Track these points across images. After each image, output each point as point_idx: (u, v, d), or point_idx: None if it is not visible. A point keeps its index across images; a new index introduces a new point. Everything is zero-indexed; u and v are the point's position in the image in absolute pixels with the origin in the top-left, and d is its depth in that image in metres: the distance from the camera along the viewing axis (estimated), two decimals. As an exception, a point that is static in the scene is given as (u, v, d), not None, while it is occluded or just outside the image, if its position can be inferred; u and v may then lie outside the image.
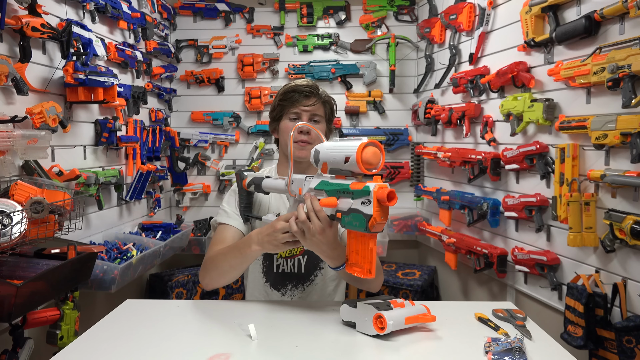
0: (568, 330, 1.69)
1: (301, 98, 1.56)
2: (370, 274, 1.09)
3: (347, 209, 1.09)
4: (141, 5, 2.84)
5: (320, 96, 1.59)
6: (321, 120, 1.59)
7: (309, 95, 1.56)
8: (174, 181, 3.36)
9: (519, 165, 2.05)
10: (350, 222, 1.09)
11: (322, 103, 1.59)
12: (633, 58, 1.47)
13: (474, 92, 2.44)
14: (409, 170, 3.35)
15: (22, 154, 1.72)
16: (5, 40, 1.74)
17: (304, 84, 1.58)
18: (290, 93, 1.57)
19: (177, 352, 1.10)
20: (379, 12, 3.36)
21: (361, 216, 1.06)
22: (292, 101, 1.56)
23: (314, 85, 1.59)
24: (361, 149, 1.04)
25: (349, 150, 1.06)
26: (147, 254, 2.32)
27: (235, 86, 3.45)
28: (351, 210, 1.08)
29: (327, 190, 1.14)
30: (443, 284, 3.06)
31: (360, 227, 1.06)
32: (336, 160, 1.10)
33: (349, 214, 1.08)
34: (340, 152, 1.08)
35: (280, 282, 1.58)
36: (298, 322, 1.28)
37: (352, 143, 1.06)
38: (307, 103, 1.56)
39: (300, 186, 1.22)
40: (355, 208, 1.07)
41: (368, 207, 1.04)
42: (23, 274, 1.57)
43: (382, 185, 1.05)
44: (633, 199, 1.54)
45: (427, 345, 1.14)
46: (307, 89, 1.56)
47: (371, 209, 1.04)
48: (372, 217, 1.04)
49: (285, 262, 1.57)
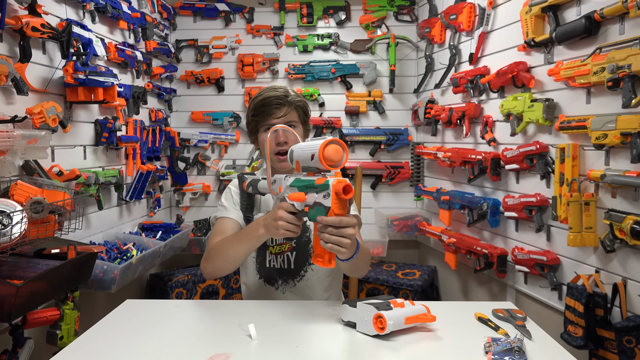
0: (568, 330, 1.69)
1: (272, 110, 1.56)
2: (330, 263, 1.19)
3: (313, 202, 1.18)
4: (141, 5, 2.84)
5: (291, 103, 1.58)
6: (297, 125, 1.60)
7: (278, 105, 1.56)
8: (174, 181, 3.37)
9: (519, 165, 2.05)
10: (313, 215, 1.18)
11: (294, 109, 1.59)
12: (633, 58, 1.47)
13: (474, 92, 2.44)
14: (409, 170, 3.35)
15: (22, 154, 1.72)
16: (5, 40, 1.74)
17: (271, 95, 1.58)
18: (260, 107, 1.58)
19: (177, 352, 1.10)
20: (379, 12, 3.36)
21: (322, 208, 1.15)
22: (264, 115, 1.57)
23: (283, 93, 1.59)
24: (323, 147, 1.13)
25: (314, 149, 1.15)
26: (147, 254, 2.32)
27: (235, 86, 3.45)
28: (315, 204, 1.17)
29: (298, 186, 1.23)
30: (443, 284, 3.06)
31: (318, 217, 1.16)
32: (305, 158, 1.19)
33: (314, 207, 1.18)
34: (307, 151, 1.17)
35: (272, 277, 1.63)
36: (298, 322, 1.29)
37: (317, 142, 1.15)
38: (278, 114, 1.56)
39: (280, 184, 1.31)
40: (318, 201, 1.16)
41: (328, 199, 1.14)
42: (23, 274, 1.57)
43: (340, 180, 1.14)
44: (633, 199, 1.54)
45: (427, 345, 1.14)
46: (276, 100, 1.56)
47: (330, 202, 1.13)
48: (330, 209, 1.13)
49: (275, 259, 1.62)
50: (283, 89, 1.61)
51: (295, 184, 1.24)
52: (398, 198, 3.42)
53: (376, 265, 3.18)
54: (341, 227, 1.15)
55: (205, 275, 1.52)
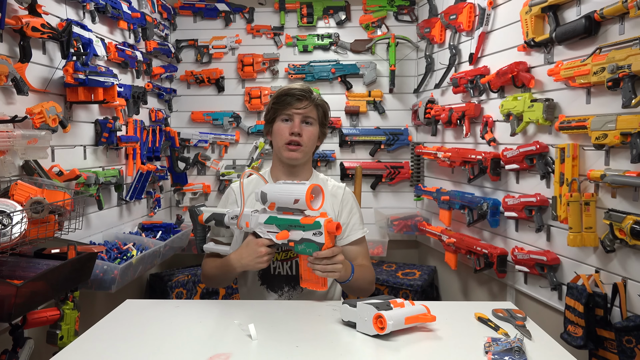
0: (568, 330, 1.69)
1: (294, 101, 1.59)
2: (324, 286, 1.34)
3: (300, 239, 1.31)
4: (141, 5, 2.84)
5: (313, 100, 1.62)
6: (314, 123, 1.62)
7: (301, 98, 1.59)
8: (174, 181, 3.36)
9: (519, 165, 2.05)
10: (303, 249, 1.32)
11: (314, 106, 1.62)
12: (633, 58, 1.47)
13: (474, 92, 2.44)
14: (409, 170, 3.35)
15: (22, 154, 1.72)
16: (5, 40, 1.74)
17: (297, 87, 1.62)
18: (283, 96, 1.61)
19: (177, 352, 1.10)
20: (379, 12, 3.36)
21: (314, 244, 1.29)
22: (284, 104, 1.60)
23: (308, 89, 1.63)
24: (309, 192, 1.26)
25: (298, 194, 1.27)
26: (147, 254, 2.32)
27: (235, 86, 3.45)
28: (303, 240, 1.31)
29: (278, 225, 1.35)
30: (443, 284, 3.06)
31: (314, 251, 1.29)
32: (285, 201, 1.31)
33: (302, 243, 1.31)
34: (289, 195, 1.29)
35: (277, 284, 1.60)
36: (298, 322, 1.29)
37: (299, 187, 1.28)
38: (299, 106, 1.59)
39: (247, 220, 1.40)
40: (307, 238, 1.30)
41: (320, 237, 1.28)
42: (23, 274, 1.57)
43: (329, 220, 1.28)
44: (633, 199, 1.54)
45: (427, 345, 1.14)
46: (299, 92, 1.60)
47: (323, 239, 1.28)
48: (324, 245, 1.28)
49: (282, 265, 1.60)
50: (308, 87, 1.65)
51: (272, 222, 1.36)
52: (398, 198, 3.42)
53: (376, 265, 3.18)
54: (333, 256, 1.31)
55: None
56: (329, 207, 1.64)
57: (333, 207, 1.65)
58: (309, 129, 1.60)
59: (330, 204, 1.65)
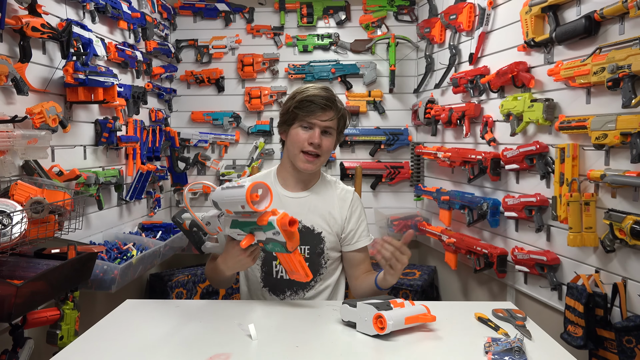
0: (568, 330, 1.69)
1: (317, 110, 1.52)
2: (308, 277, 1.30)
3: (265, 239, 1.27)
4: (141, 5, 2.84)
5: (339, 110, 1.56)
6: (333, 133, 1.57)
7: (325, 108, 1.53)
8: (174, 181, 3.36)
9: (519, 165, 2.05)
10: (273, 248, 1.28)
11: (337, 118, 1.56)
12: (633, 58, 1.47)
13: (474, 92, 2.44)
14: (409, 170, 3.35)
15: (22, 154, 1.72)
16: (5, 40, 1.74)
17: (322, 94, 1.54)
18: (307, 102, 1.53)
19: (177, 352, 1.10)
20: (379, 12, 3.36)
21: (278, 243, 1.25)
22: (307, 111, 1.52)
23: (332, 96, 1.55)
24: (249, 194, 1.19)
25: (240, 199, 1.21)
26: (147, 254, 2.32)
27: (235, 86, 3.45)
28: (269, 240, 1.27)
29: (241, 229, 1.31)
30: (443, 284, 3.06)
31: (282, 250, 1.26)
32: (233, 208, 1.27)
33: (269, 243, 1.27)
34: (233, 201, 1.24)
35: (280, 288, 1.59)
36: (298, 322, 1.29)
37: (238, 191, 1.21)
38: (323, 117, 1.53)
39: (217, 224, 1.37)
40: (270, 238, 1.26)
41: (279, 236, 1.23)
42: (23, 274, 1.56)
43: (280, 216, 1.22)
44: (633, 199, 1.54)
45: (427, 345, 1.14)
46: (325, 102, 1.52)
47: (282, 237, 1.23)
48: (287, 242, 1.23)
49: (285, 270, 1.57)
50: (331, 92, 1.57)
51: (237, 227, 1.32)
52: (398, 198, 3.42)
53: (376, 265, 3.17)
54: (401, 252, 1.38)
55: None
56: (336, 211, 1.62)
57: (341, 212, 1.63)
58: (328, 140, 1.56)
59: (339, 208, 1.62)
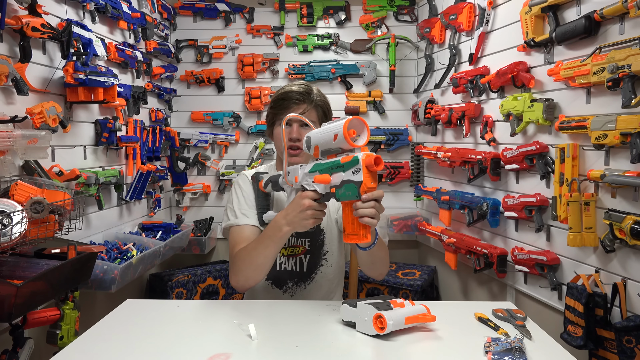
0: (568, 330, 1.69)
1: (291, 104, 1.55)
2: (367, 238, 1.19)
3: (340, 182, 1.18)
4: (141, 5, 2.84)
5: (312, 101, 1.57)
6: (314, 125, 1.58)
7: (298, 101, 1.55)
8: (174, 181, 3.37)
9: (518, 165, 2.05)
10: (343, 193, 1.18)
11: (314, 107, 1.58)
12: (633, 58, 1.47)
13: (474, 92, 2.44)
14: (409, 170, 3.35)
15: (22, 154, 1.72)
16: (6, 40, 1.74)
17: (295, 89, 1.57)
18: (280, 100, 1.57)
19: (177, 352, 1.10)
20: (379, 12, 3.36)
21: (353, 185, 1.15)
22: (282, 108, 1.57)
23: (306, 90, 1.58)
24: (347, 124, 1.14)
25: (336, 128, 1.16)
26: (147, 254, 2.32)
27: (235, 86, 3.45)
28: (343, 182, 1.17)
29: (320, 170, 1.23)
30: (443, 284, 3.06)
31: (353, 195, 1.16)
32: (326, 140, 1.19)
33: (342, 186, 1.18)
34: (328, 132, 1.18)
35: (282, 279, 1.60)
36: (298, 322, 1.29)
37: (338, 122, 1.16)
38: (296, 111, 1.55)
39: (296, 174, 1.31)
40: (347, 179, 1.17)
41: (358, 174, 1.14)
42: (23, 274, 1.57)
43: (368, 154, 1.14)
44: (633, 199, 1.54)
45: (427, 345, 1.14)
46: (297, 96, 1.55)
47: (361, 176, 1.13)
48: (362, 183, 1.13)
49: (287, 261, 1.59)
50: (307, 86, 1.60)
51: (315, 169, 1.25)
52: (398, 198, 3.42)
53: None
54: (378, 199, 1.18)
55: (238, 289, 1.48)
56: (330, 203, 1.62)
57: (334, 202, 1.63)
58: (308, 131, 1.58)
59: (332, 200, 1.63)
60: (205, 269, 3.11)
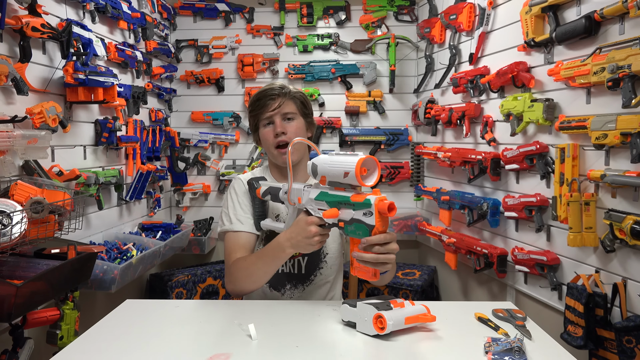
0: (568, 330, 1.69)
1: (267, 101, 1.57)
2: (375, 277, 1.18)
3: (350, 219, 1.17)
4: (141, 5, 2.84)
5: (286, 93, 1.58)
6: (295, 117, 1.60)
7: (273, 97, 1.57)
8: (174, 181, 3.37)
9: (519, 165, 2.05)
10: (353, 231, 1.17)
11: (290, 99, 1.58)
12: (633, 58, 1.47)
13: (474, 92, 2.44)
14: (409, 170, 3.35)
15: (22, 154, 1.72)
16: (5, 40, 1.74)
17: (266, 88, 1.59)
18: (256, 102, 1.59)
19: (177, 352, 1.10)
20: (379, 12, 3.36)
21: (364, 226, 1.14)
22: (259, 108, 1.58)
23: (279, 86, 1.59)
24: (360, 165, 1.12)
25: (348, 166, 1.13)
26: (147, 254, 2.32)
27: (235, 86, 3.45)
28: (353, 220, 1.16)
29: (327, 202, 1.22)
30: (443, 284, 3.06)
31: (364, 235, 1.15)
32: (335, 174, 1.17)
33: (352, 224, 1.17)
34: (339, 167, 1.16)
35: (280, 282, 1.59)
36: (298, 322, 1.28)
37: (350, 159, 1.14)
38: (273, 105, 1.56)
39: (299, 195, 1.29)
40: (357, 218, 1.15)
41: (370, 218, 1.13)
42: (23, 274, 1.57)
43: (381, 198, 1.12)
44: (633, 199, 1.54)
45: (427, 345, 1.14)
46: (271, 92, 1.57)
47: (373, 220, 1.12)
48: (374, 227, 1.13)
49: (285, 264, 1.58)
50: (280, 84, 1.61)
51: (323, 198, 1.23)
52: (398, 198, 3.42)
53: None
54: (386, 243, 1.16)
55: (233, 295, 1.51)
56: None
57: None
58: (292, 125, 1.58)
59: None
60: (205, 269, 3.11)
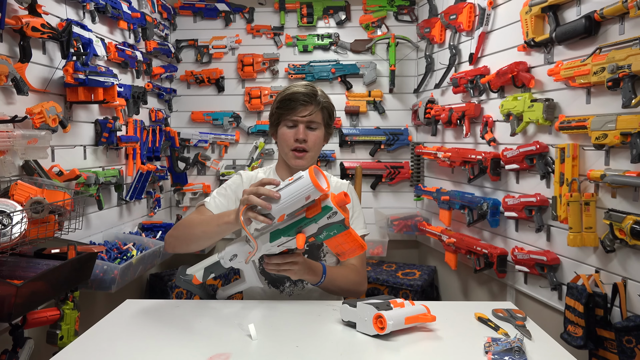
0: (568, 330, 1.69)
1: (298, 106, 1.55)
2: (363, 248, 1.25)
3: (318, 229, 1.21)
4: (141, 5, 2.84)
5: (319, 102, 1.57)
6: (319, 127, 1.59)
7: (305, 103, 1.55)
8: (174, 181, 3.37)
9: (519, 165, 2.05)
10: (327, 235, 1.21)
11: (320, 110, 1.57)
12: (633, 58, 1.47)
13: (474, 92, 2.44)
14: (409, 170, 3.35)
15: (22, 154, 1.72)
16: (6, 40, 1.74)
17: (301, 90, 1.56)
18: (286, 101, 1.56)
19: (177, 352, 1.10)
20: (379, 12, 3.36)
21: (335, 225, 1.20)
22: (288, 109, 1.56)
23: (312, 91, 1.57)
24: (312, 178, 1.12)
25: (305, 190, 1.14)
26: (147, 254, 2.32)
27: (235, 86, 3.45)
28: (323, 227, 1.20)
29: (286, 234, 1.23)
30: (443, 284, 3.06)
31: (340, 230, 1.20)
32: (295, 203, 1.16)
33: (322, 232, 1.21)
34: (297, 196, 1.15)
35: (279, 280, 1.59)
36: (298, 322, 1.29)
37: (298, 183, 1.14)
38: (303, 112, 1.55)
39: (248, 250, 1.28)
40: (326, 224, 1.19)
41: (337, 216, 1.18)
42: (23, 274, 1.57)
43: (333, 195, 1.18)
44: (633, 199, 1.54)
45: (427, 345, 1.14)
46: (303, 97, 1.55)
47: (341, 215, 1.18)
48: (345, 219, 1.19)
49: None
50: (312, 87, 1.59)
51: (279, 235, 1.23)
52: (398, 198, 3.42)
53: (376, 265, 3.18)
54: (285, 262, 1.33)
55: (167, 248, 1.48)
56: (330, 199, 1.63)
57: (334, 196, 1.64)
58: (314, 134, 1.57)
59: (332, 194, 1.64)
60: (205, 269, 3.10)
